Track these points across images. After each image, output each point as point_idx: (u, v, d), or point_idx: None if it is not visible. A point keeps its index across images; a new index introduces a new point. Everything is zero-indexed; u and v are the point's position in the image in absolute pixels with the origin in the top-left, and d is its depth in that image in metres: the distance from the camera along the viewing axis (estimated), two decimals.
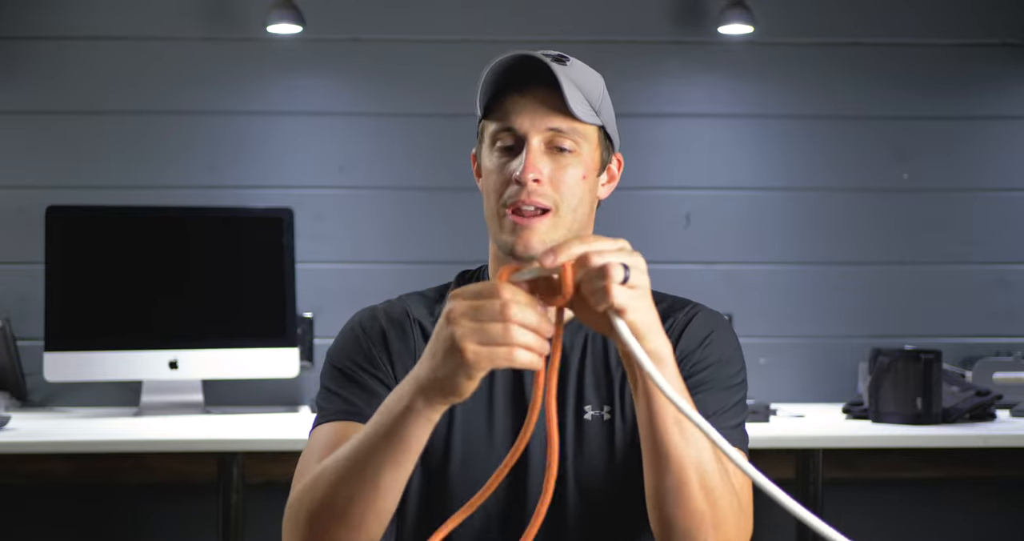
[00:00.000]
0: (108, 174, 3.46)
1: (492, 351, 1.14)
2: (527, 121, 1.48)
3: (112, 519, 3.40)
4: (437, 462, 1.52)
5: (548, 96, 1.48)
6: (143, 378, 3.17)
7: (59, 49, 3.46)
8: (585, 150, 1.51)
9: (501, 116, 1.50)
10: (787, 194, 3.57)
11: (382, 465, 1.27)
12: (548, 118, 1.48)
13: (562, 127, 1.48)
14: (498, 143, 1.51)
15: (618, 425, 1.52)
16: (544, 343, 1.15)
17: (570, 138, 1.49)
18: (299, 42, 3.48)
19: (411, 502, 1.54)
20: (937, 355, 2.94)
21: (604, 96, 1.55)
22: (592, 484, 1.50)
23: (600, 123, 1.53)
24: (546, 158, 1.49)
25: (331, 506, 1.31)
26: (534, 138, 1.48)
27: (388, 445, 1.26)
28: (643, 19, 3.55)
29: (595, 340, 1.55)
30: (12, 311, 3.33)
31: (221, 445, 2.77)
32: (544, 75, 1.47)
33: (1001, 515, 3.51)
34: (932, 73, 3.59)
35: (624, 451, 1.51)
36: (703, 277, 3.51)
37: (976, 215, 3.59)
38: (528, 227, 1.47)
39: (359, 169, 3.49)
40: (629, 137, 3.58)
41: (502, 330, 1.13)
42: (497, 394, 1.54)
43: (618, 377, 1.54)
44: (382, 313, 1.56)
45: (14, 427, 2.85)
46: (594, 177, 1.53)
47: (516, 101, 1.49)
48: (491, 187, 1.50)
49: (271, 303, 3.20)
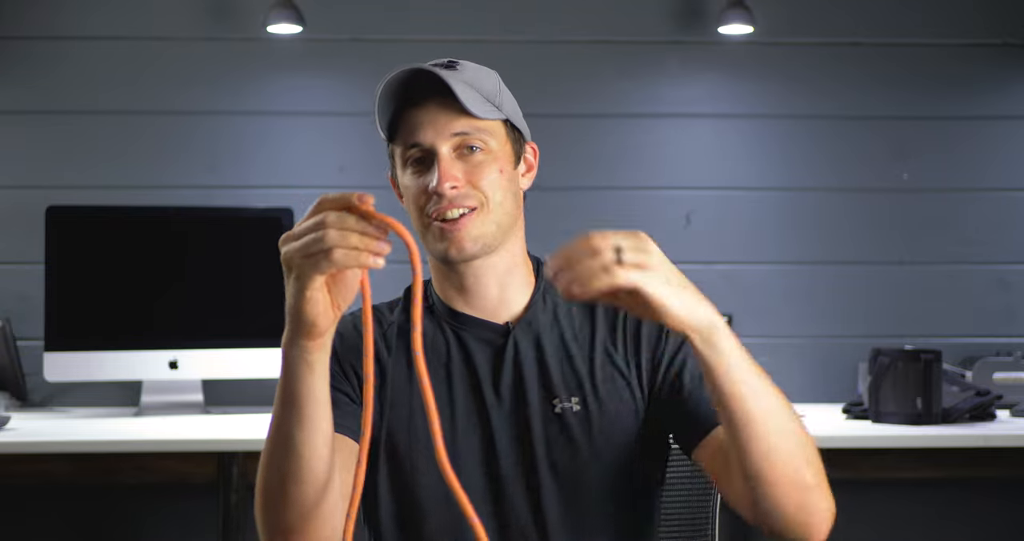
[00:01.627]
0: (108, 174, 3.46)
1: (313, 258, 1.17)
2: (431, 132, 1.50)
3: (112, 519, 3.40)
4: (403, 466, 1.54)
5: (445, 104, 1.50)
6: (143, 378, 3.17)
7: (59, 49, 3.46)
8: (494, 146, 1.53)
9: (405, 135, 1.52)
10: (787, 194, 3.57)
11: (290, 427, 1.29)
12: (450, 124, 1.50)
13: (466, 129, 1.51)
14: (410, 160, 1.53)
15: (593, 414, 1.53)
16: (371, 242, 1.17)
17: (476, 138, 1.51)
18: (299, 42, 3.48)
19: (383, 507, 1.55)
20: (937, 355, 2.94)
21: (501, 90, 1.57)
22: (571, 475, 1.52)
23: (503, 117, 1.55)
24: (458, 163, 1.51)
25: (270, 490, 1.33)
26: (442, 147, 1.50)
27: (286, 405, 1.28)
28: (643, 19, 3.55)
29: (551, 334, 1.57)
30: (12, 311, 3.33)
31: (221, 445, 2.77)
32: (436, 85, 1.49)
33: (1001, 515, 3.51)
34: (932, 73, 3.59)
35: (604, 438, 1.52)
36: (703, 277, 3.47)
37: (976, 215, 3.58)
38: (456, 229, 1.50)
39: (359, 169, 3.49)
40: (629, 137, 3.60)
41: (319, 236, 1.17)
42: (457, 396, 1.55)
43: (584, 367, 1.55)
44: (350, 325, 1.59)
45: (14, 427, 2.86)
46: (511, 169, 1.55)
47: (415, 116, 1.52)
48: (412, 202, 1.53)
49: (271, 303, 3.18)
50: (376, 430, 1.54)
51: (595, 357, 1.56)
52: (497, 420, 1.53)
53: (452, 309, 1.58)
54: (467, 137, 1.51)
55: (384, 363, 1.57)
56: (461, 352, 1.56)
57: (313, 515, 1.31)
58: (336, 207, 1.18)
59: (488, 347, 1.56)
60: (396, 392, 1.55)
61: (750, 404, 1.28)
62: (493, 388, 1.54)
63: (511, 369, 1.55)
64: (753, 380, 1.28)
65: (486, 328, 1.57)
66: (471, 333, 1.57)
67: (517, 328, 1.56)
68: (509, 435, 1.52)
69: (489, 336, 1.56)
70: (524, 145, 1.60)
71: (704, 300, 1.25)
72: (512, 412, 1.53)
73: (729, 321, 3.34)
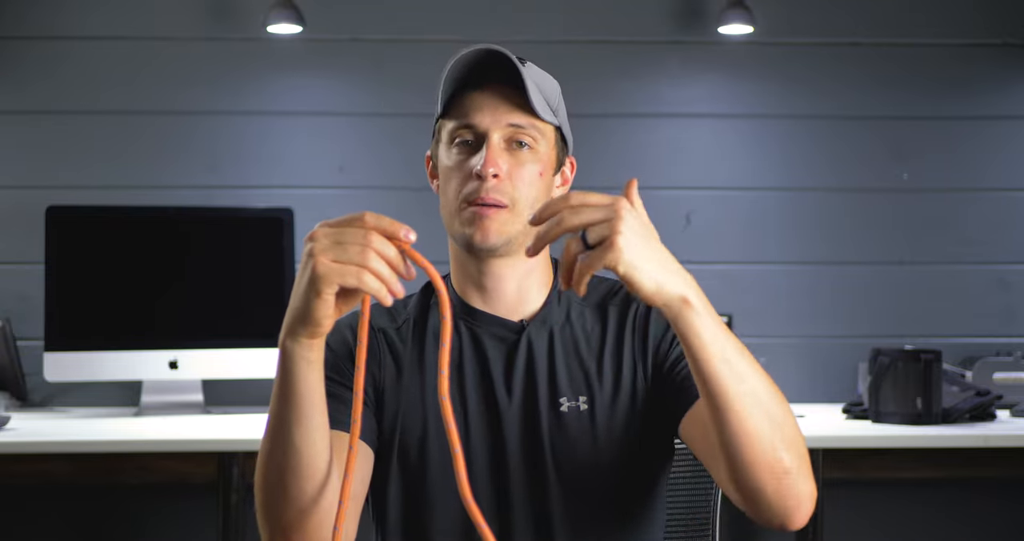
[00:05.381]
0: (108, 174, 3.46)
1: (343, 268, 1.16)
2: (488, 117, 1.50)
3: (112, 519, 3.40)
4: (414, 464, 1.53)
5: (508, 93, 1.50)
6: (143, 378, 3.18)
7: (59, 49, 3.46)
8: (543, 148, 1.53)
9: (461, 113, 1.52)
10: (787, 194, 3.57)
11: (288, 423, 1.28)
12: (509, 114, 1.50)
13: (521, 123, 1.51)
14: (457, 140, 1.53)
15: (598, 414, 1.53)
16: (395, 280, 1.17)
17: (529, 134, 1.51)
18: (299, 42, 3.48)
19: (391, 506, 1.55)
20: (937, 355, 2.94)
21: (560, 100, 1.58)
22: (575, 475, 1.51)
23: (557, 123, 1.55)
24: (505, 154, 1.51)
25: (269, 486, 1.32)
26: (494, 134, 1.50)
27: (284, 401, 1.27)
28: (643, 19, 3.55)
29: (563, 333, 1.57)
30: (12, 311, 3.33)
31: (221, 445, 2.77)
32: (504, 73, 1.49)
33: (1001, 515, 3.51)
34: (932, 73, 3.59)
35: (607, 439, 1.52)
36: (703, 277, 3.48)
37: (976, 215, 3.59)
38: (488, 217, 1.49)
39: (359, 169, 3.49)
40: (629, 137, 3.60)
41: (359, 252, 1.16)
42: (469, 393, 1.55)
43: (593, 367, 1.55)
44: (346, 326, 1.58)
45: (14, 427, 2.86)
46: (550, 176, 1.56)
47: (475, 98, 1.51)
48: (450, 183, 1.52)
49: (271, 303, 3.20)
50: (389, 428, 1.54)
51: (604, 357, 1.55)
52: (508, 417, 1.53)
53: (468, 305, 1.58)
54: (520, 131, 1.51)
55: (398, 356, 1.56)
56: (474, 349, 1.56)
57: (312, 511, 1.31)
58: (382, 232, 1.18)
59: (502, 344, 1.56)
60: (409, 383, 1.55)
61: (726, 383, 1.25)
62: (505, 385, 1.54)
63: (523, 367, 1.55)
64: (732, 357, 1.25)
65: (501, 325, 1.56)
66: (486, 330, 1.56)
67: (531, 326, 1.56)
68: (518, 433, 1.52)
69: (503, 333, 1.56)
70: (567, 157, 1.61)
71: (677, 272, 1.22)
72: (522, 409, 1.53)
73: (729, 321, 3.36)
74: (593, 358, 1.55)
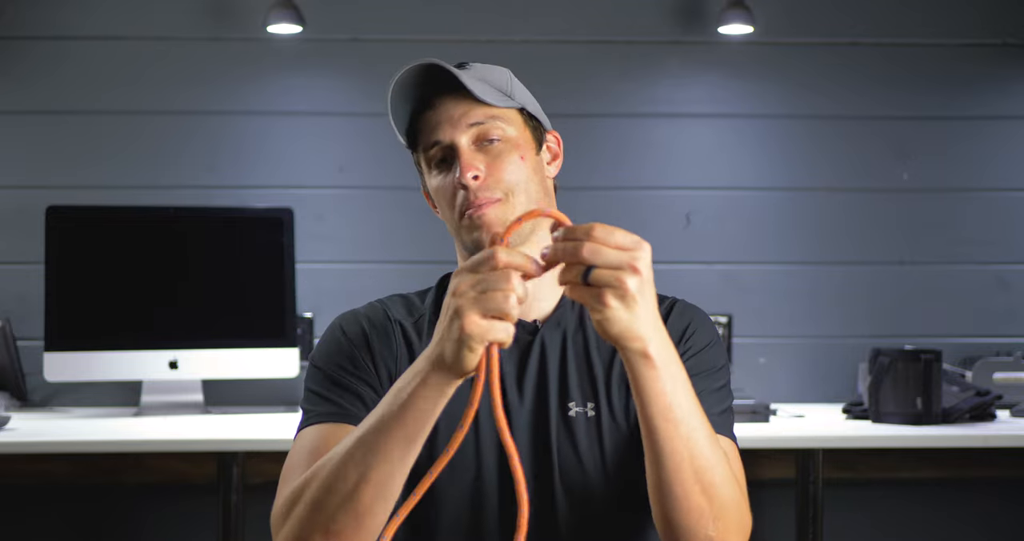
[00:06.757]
0: (108, 174, 3.46)
1: (491, 325, 1.18)
2: (447, 128, 1.51)
3: (112, 519, 3.40)
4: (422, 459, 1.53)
5: (457, 99, 1.51)
6: (143, 378, 3.17)
7: (59, 49, 3.46)
8: (512, 133, 1.53)
9: (424, 137, 1.53)
10: (787, 194, 3.58)
11: (394, 441, 1.28)
12: (465, 116, 1.51)
13: (480, 119, 1.51)
14: (433, 162, 1.54)
15: (605, 421, 1.52)
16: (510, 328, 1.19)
17: (493, 127, 1.52)
18: (299, 42, 3.48)
19: None
20: (937, 355, 2.94)
21: (513, 82, 1.57)
22: (581, 481, 1.51)
23: (517, 105, 1.55)
24: (479, 154, 1.51)
25: (338, 492, 1.31)
26: (460, 139, 1.51)
27: (401, 420, 1.27)
28: (643, 19, 3.55)
29: (576, 337, 1.56)
30: (12, 311, 3.33)
31: (221, 445, 2.77)
32: (447, 82, 1.50)
33: (1001, 515, 3.51)
34: (932, 73, 3.59)
35: (613, 447, 1.51)
36: (703, 277, 3.51)
37: (976, 215, 3.59)
38: (485, 213, 1.49)
39: (359, 169, 3.49)
40: (629, 137, 3.60)
41: (503, 299, 1.17)
42: None
43: (602, 373, 1.54)
44: (363, 317, 1.57)
45: (14, 427, 2.85)
46: (532, 155, 1.55)
47: (429, 117, 1.53)
48: (444, 202, 1.53)
49: (271, 303, 3.20)
50: None
51: (614, 364, 1.55)
52: (518, 419, 1.52)
53: None
54: (483, 127, 1.51)
55: (413, 349, 1.56)
56: None
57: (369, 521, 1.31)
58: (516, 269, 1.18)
59: (515, 345, 1.54)
60: None
61: (661, 438, 1.29)
62: (517, 387, 1.53)
63: (536, 368, 1.54)
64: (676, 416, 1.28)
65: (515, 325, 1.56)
66: None
67: (545, 327, 1.55)
68: (528, 435, 1.52)
69: (517, 333, 1.55)
70: (545, 133, 1.60)
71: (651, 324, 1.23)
72: (532, 412, 1.53)
73: (729, 321, 3.36)
74: (603, 364, 1.55)
